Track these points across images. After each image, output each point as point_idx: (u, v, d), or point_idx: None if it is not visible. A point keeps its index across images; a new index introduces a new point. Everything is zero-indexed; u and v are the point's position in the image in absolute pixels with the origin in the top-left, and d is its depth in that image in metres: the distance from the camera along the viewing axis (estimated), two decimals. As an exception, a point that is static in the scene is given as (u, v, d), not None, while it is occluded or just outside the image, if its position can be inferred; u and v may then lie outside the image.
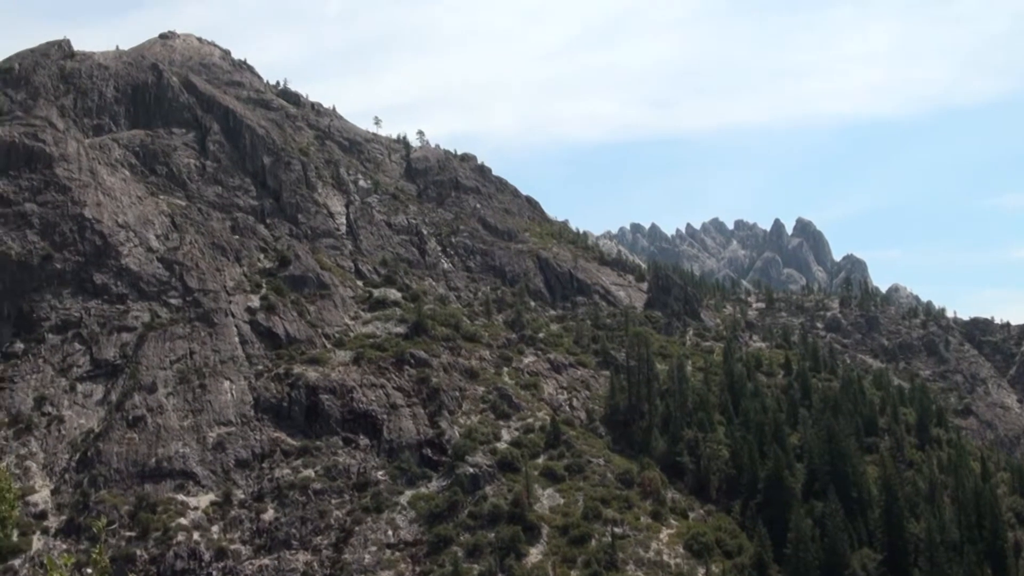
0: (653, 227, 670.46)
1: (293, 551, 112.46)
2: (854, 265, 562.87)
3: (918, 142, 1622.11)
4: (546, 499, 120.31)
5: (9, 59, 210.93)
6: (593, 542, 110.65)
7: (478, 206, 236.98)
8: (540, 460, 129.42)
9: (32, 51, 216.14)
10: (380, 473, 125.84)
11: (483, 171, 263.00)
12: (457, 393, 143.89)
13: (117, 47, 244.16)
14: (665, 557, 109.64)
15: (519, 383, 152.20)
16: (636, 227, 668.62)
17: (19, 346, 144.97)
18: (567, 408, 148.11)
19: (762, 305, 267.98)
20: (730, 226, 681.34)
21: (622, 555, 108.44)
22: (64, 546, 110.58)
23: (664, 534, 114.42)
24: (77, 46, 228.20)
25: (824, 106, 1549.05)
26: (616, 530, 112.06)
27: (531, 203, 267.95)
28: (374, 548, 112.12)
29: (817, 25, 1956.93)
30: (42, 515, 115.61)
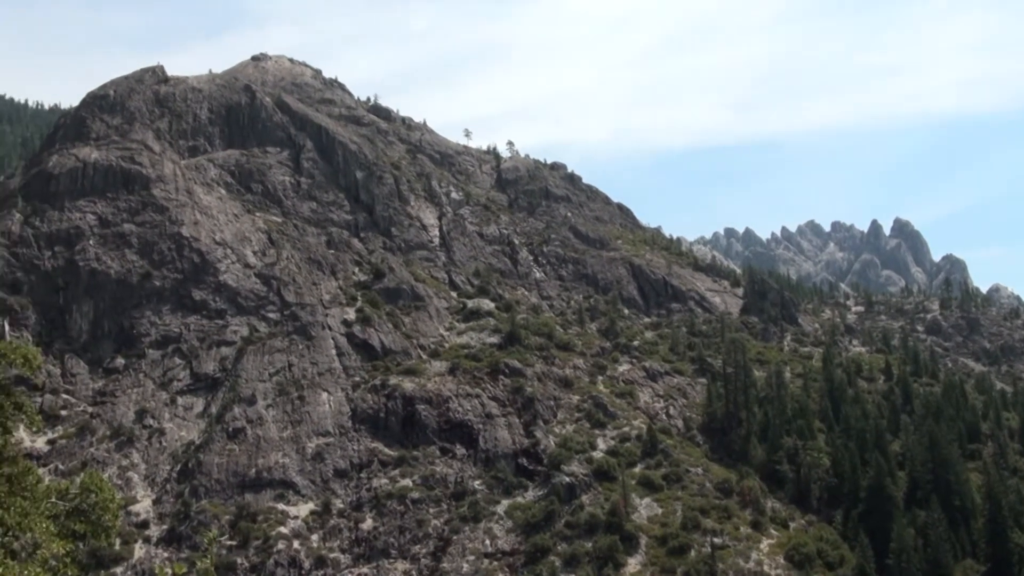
0: (747, 231, 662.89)
1: (392, 560, 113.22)
2: (953, 265, 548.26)
3: (1016, 137, 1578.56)
4: (644, 509, 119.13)
5: (104, 86, 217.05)
6: (692, 553, 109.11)
7: (569, 215, 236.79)
8: (637, 469, 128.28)
9: (126, 78, 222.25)
10: (477, 482, 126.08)
11: (573, 179, 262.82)
12: (552, 402, 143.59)
13: (210, 70, 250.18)
14: (766, 568, 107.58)
15: (614, 391, 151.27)
16: (730, 232, 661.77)
17: (120, 362, 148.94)
18: (664, 416, 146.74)
19: (861, 308, 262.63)
20: (826, 228, 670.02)
21: (722, 566, 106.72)
22: (165, 554, 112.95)
23: (764, 544, 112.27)
24: (170, 71, 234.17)
25: (918, 103, 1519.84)
26: (716, 540, 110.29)
27: (622, 210, 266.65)
28: (472, 557, 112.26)
29: (906, 21, 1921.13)
30: (144, 524, 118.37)
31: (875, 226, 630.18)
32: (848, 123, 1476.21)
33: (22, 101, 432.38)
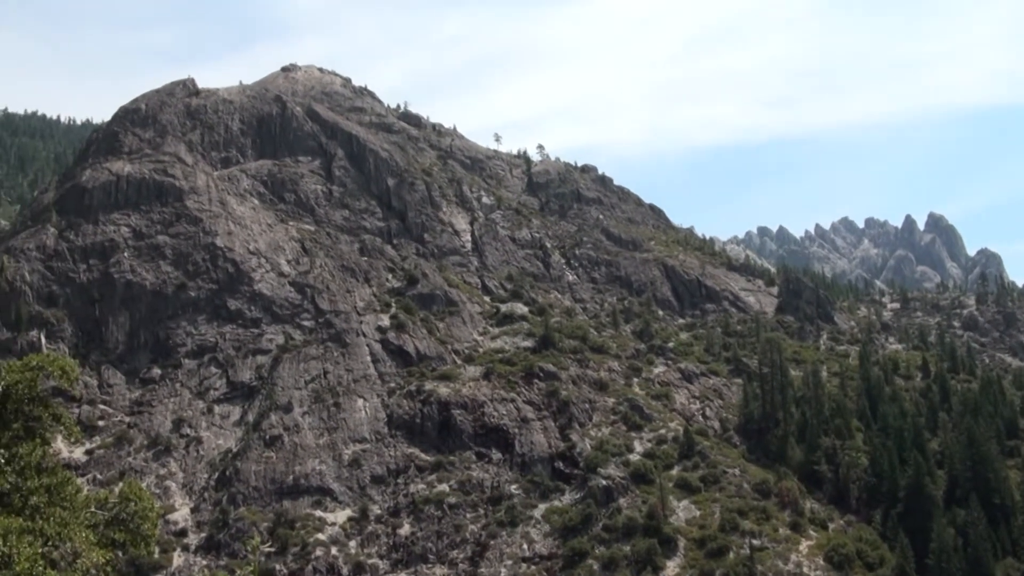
0: (781, 229, 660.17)
1: (430, 565, 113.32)
2: (988, 259, 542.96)
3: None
4: (681, 511, 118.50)
5: (136, 100, 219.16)
6: (731, 554, 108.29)
7: (601, 217, 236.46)
8: (674, 471, 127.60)
9: (158, 91, 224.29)
10: (513, 487, 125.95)
11: (604, 181, 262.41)
12: (587, 405, 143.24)
13: (240, 82, 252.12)
14: (805, 570, 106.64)
15: (650, 393, 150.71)
16: (763, 230, 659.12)
17: (156, 371, 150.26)
18: (700, 418, 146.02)
19: (896, 305, 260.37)
20: (860, 224, 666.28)
21: (761, 568, 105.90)
22: (204, 562, 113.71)
23: (803, 546, 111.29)
24: (201, 84, 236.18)
25: (951, 95, 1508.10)
26: (754, 542, 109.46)
27: (654, 211, 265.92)
28: (510, 562, 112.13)
29: (940, 12, 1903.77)
30: (182, 532, 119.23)
31: (909, 221, 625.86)
32: (881, 117, 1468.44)
33: (54, 117, 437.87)
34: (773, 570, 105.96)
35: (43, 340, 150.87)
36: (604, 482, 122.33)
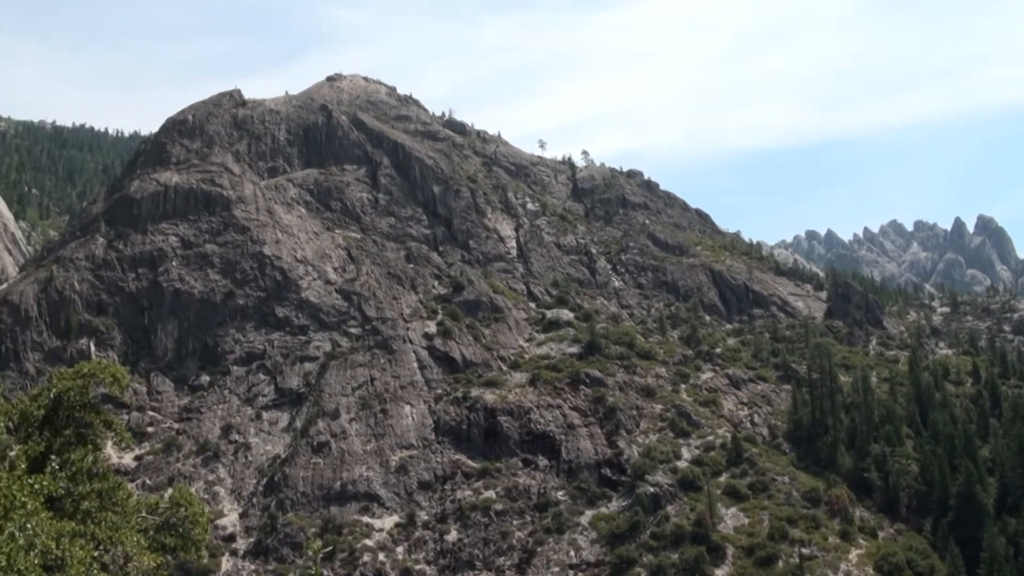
0: (829, 233, 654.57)
1: (477, 571, 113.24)
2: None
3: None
4: (730, 519, 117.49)
5: (183, 111, 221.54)
6: (780, 563, 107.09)
7: (647, 222, 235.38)
8: (722, 478, 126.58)
9: (204, 102, 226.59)
10: (560, 494, 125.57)
11: (650, 186, 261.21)
12: (634, 412, 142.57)
13: (286, 92, 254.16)
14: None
15: (697, 400, 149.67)
16: (811, 234, 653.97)
17: (205, 379, 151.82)
18: (748, 424, 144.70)
19: (947, 310, 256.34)
20: (909, 227, 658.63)
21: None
22: (252, 567, 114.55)
23: (853, 555, 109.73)
24: (247, 95, 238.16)
25: (999, 94, 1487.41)
26: (803, 551, 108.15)
27: (701, 216, 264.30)
28: (557, 569, 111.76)
29: (986, 11, 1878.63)
30: (231, 537, 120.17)
31: (958, 224, 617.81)
32: (930, 117, 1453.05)
33: (102, 130, 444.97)
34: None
35: (92, 348, 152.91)
36: (652, 489, 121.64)
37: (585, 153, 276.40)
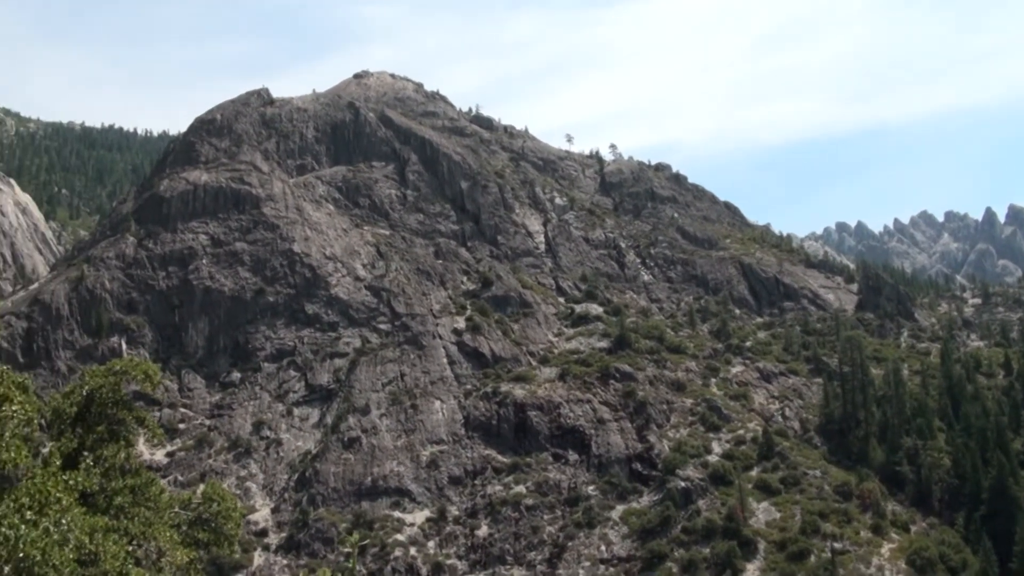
0: (859, 225, 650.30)
1: (508, 566, 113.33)
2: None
3: None
4: (761, 513, 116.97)
5: (211, 111, 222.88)
6: (812, 558, 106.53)
7: (675, 215, 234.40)
8: (753, 472, 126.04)
9: (233, 102, 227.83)
10: (590, 488, 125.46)
11: (679, 180, 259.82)
12: (664, 406, 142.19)
13: (314, 90, 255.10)
14: (887, 573, 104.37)
15: (728, 394, 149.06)
16: (842, 226, 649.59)
17: (236, 375, 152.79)
18: (779, 418, 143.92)
19: (978, 301, 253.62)
20: (940, 218, 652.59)
21: (843, 571, 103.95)
22: (284, 562, 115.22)
23: (885, 549, 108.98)
24: (275, 93, 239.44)
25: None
26: (836, 545, 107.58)
27: (730, 209, 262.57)
28: (588, 564, 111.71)
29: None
30: (263, 533, 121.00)
31: (989, 214, 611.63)
32: (959, 107, 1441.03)
33: (131, 130, 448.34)
34: (855, 574, 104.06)
35: (124, 346, 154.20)
36: (683, 483, 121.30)
37: (613, 147, 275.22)
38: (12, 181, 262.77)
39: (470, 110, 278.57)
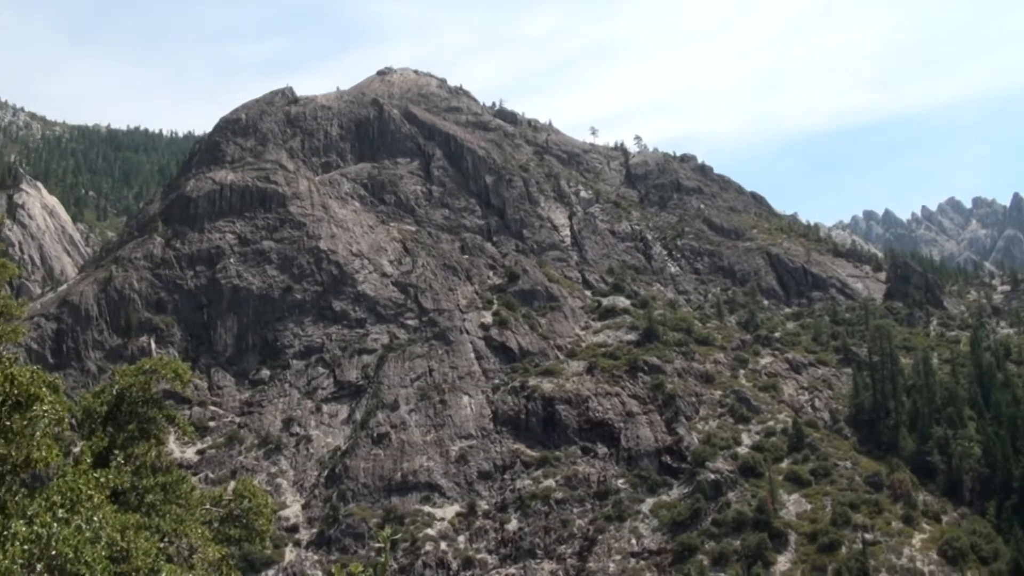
0: (887, 213, 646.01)
1: (538, 560, 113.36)
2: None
3: None
4: (792, 505, 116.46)
5: (236, 111, 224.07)
6: (843, 549, 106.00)
7: (702, 206, 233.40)
8: (784, 464, 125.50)
9: (257, 101, 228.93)
10: (620, 481, 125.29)
11: (704, 170, 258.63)
12: (693, 398, 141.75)
13: (337, 88, 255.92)
14: (919, 564, 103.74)
15: (757, 385, 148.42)
16: (869, 214, 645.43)
17: (265, 373, 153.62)
18: (809, 409, 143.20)
19: (1007, 288, 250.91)
20: (967, 204, 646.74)
21: (874, 562, 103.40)
22: (315, 557, 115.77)
23: (917, 539, 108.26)
24: (299, 92, 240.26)
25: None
26: (867, 536, 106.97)
27: (756, 199, 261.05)
28: (618, 557, 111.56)
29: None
30: (293, 528, 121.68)
31: (1017, 199, 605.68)
32: (986, 91, 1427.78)
33: (156, 131, 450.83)
34: (886, 565, 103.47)
35: (153, 345, 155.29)
36: (712, 476, 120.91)
37: (638, 139, 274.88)
38: (39, 184, 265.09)
39: (493, 105, 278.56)
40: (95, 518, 14.78)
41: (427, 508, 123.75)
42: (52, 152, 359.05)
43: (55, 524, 13.32)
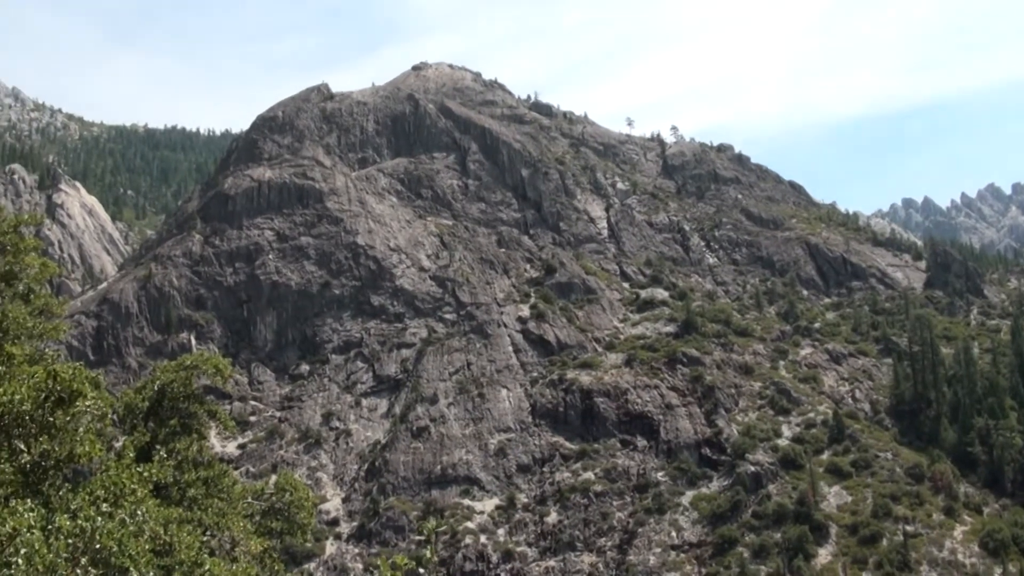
0: (926, 200, 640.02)
1: (578, 553, 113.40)
2: None
3: None
4: (832, 497, 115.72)
5: (272, 108, 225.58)
6: (884, 541, 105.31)
7: (739, 196, 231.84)
8: (824, 456, 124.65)
9: (293, 98, 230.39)
10: (660, 474, 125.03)
11: (742, 160, 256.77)
12: (732, 390, 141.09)
13: (373, 83, 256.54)
14: (960, 556, 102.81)
15: (797, 376, 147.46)
16: (908, 202, 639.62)
17: (304, 368, 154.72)
18: (849, 400, 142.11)
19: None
20: (1007, 191, 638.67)
21: (915, 555, 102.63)
22: (356, 550, 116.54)
23: (958, 531, 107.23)
24: (334, 88, 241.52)
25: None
26: (908, 528, 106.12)
27: (795, 188, 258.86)
28: (658, 549, 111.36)
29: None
30: (334, 522, 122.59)
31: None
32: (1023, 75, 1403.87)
33: (194, 130, 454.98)
34: (927, 557, 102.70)
35: (193, 342, 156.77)
36: (752, 468, 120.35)
37: (674, 129, 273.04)
38: (78, 184, 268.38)
39: (528, 97, 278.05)
40: (138, 512, 14.94)
41: (466, 501, 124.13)
42: (90, 152, 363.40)
43: (99, 518, 13.46)
